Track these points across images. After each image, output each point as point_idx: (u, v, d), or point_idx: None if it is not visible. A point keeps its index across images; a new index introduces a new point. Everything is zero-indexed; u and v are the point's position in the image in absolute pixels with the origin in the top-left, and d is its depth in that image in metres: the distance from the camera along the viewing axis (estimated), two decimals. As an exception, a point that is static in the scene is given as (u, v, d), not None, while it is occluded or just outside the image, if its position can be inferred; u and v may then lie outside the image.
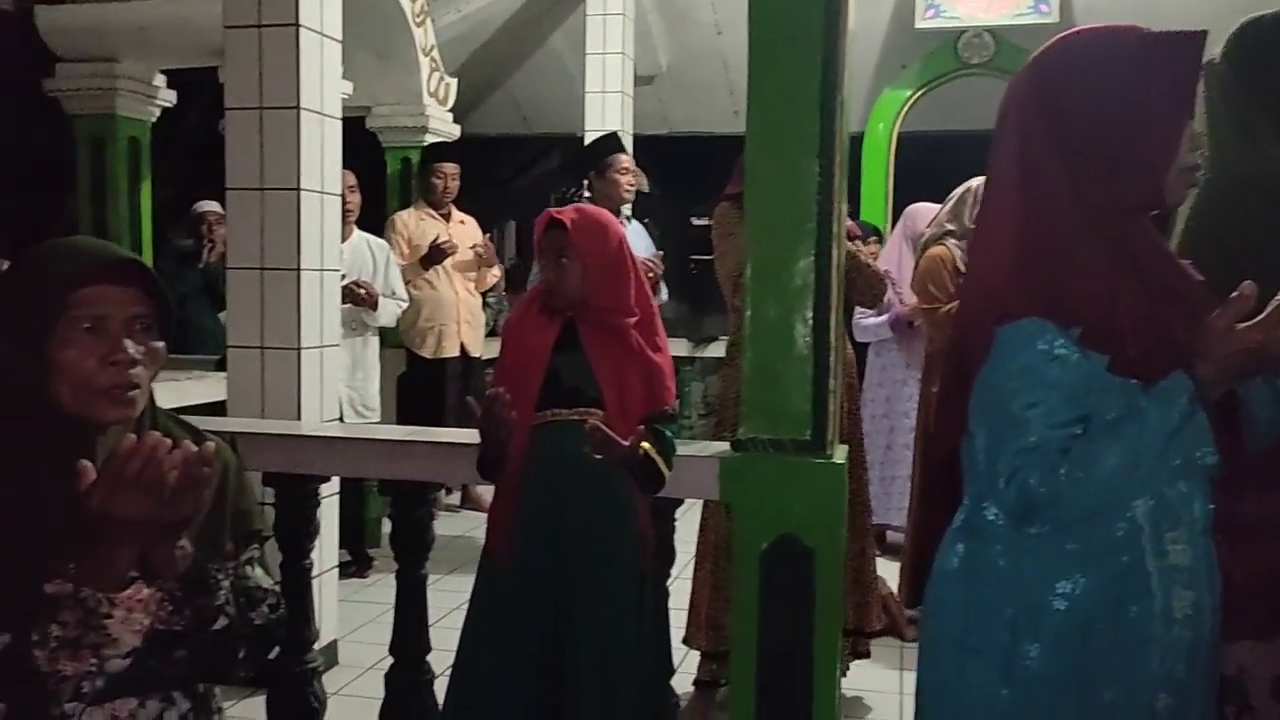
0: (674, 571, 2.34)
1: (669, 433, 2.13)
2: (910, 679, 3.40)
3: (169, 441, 1.14)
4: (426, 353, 5.03)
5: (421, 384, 5.05)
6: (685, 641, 3.07)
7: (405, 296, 4.67)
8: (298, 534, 2.46)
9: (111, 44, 4.75)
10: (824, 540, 2.02)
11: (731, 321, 3.06)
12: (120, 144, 4.93)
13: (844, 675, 3.07)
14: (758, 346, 2.04)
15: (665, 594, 2.29)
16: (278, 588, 1.43)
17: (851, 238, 2.91)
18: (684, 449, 2.20)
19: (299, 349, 3.06)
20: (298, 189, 3.00)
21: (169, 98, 5.20)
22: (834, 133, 1.99)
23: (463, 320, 5.12)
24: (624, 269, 2.15)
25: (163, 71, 5.15)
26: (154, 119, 5.17)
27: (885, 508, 4.55)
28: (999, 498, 1.39)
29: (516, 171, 10.48)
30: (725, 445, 2.17)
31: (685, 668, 3.06)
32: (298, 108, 2.97)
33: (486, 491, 5.60)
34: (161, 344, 1.31)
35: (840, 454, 2.11)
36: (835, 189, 2.02)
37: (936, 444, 1.58)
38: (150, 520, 1.14)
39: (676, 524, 2.34)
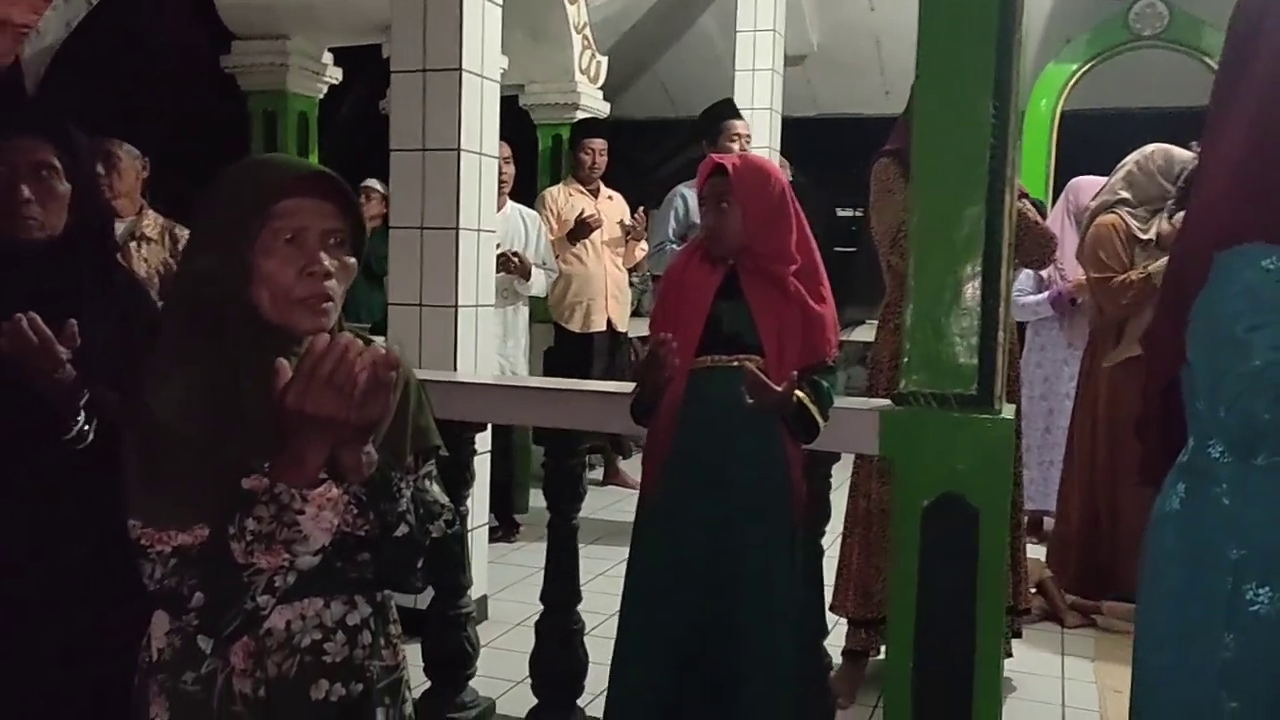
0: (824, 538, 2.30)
1: (826, 383, 2.10)
2: (1071, 664, 3.29)
3: (360, 343, 1.18)
4: (574, 327, 5.09)
5: (569, 358, 5.11)
6: (833, 609, 3.02)
7: (555, 267, 4.74)
8: (454, 480, 2.51)
9: (283, 22, 4.98)
10: (990, 499, 1.94)
11: (887, 282, 2.99)
12: (290, 119, 5.16)
13: (1008, 656, 2.97)
14: (921, 297, 1.97)
15: (819, 551, 2.25)
16: (453, 505, 1.46)
17: (1019, 196, 2.79)
18: (843, 401, 2.15)
19: (456, 306, 3.13)
20: (458, 149, 3.07)
21: (335, 75, 5.42)
22: (1010, 71, 1.91)
23: (610, 295, 5.17)
24: (785, 216, 2.12)
25: (330, 50, 5.37)
26: (321, 95, 5.39)
27: (1044, 493, 4.38)
28: (1220, 427, 1.30)
29: (660, 160, 10.51)
30: (886, 401, 2.12)
31: (832, 639, 3.00)
32: (459, 69, 3.04)
33: (630, 468, 5.67)
34: (353, 260, 1.35)
35: (1009, 410, 2.03)
36: (1010, 132, 1.93)
37: (1150, 381, 1.50)
38: (340, 420, 1.17)
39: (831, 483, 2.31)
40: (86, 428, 1.69)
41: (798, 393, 2.00)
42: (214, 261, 1.30)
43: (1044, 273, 4.35)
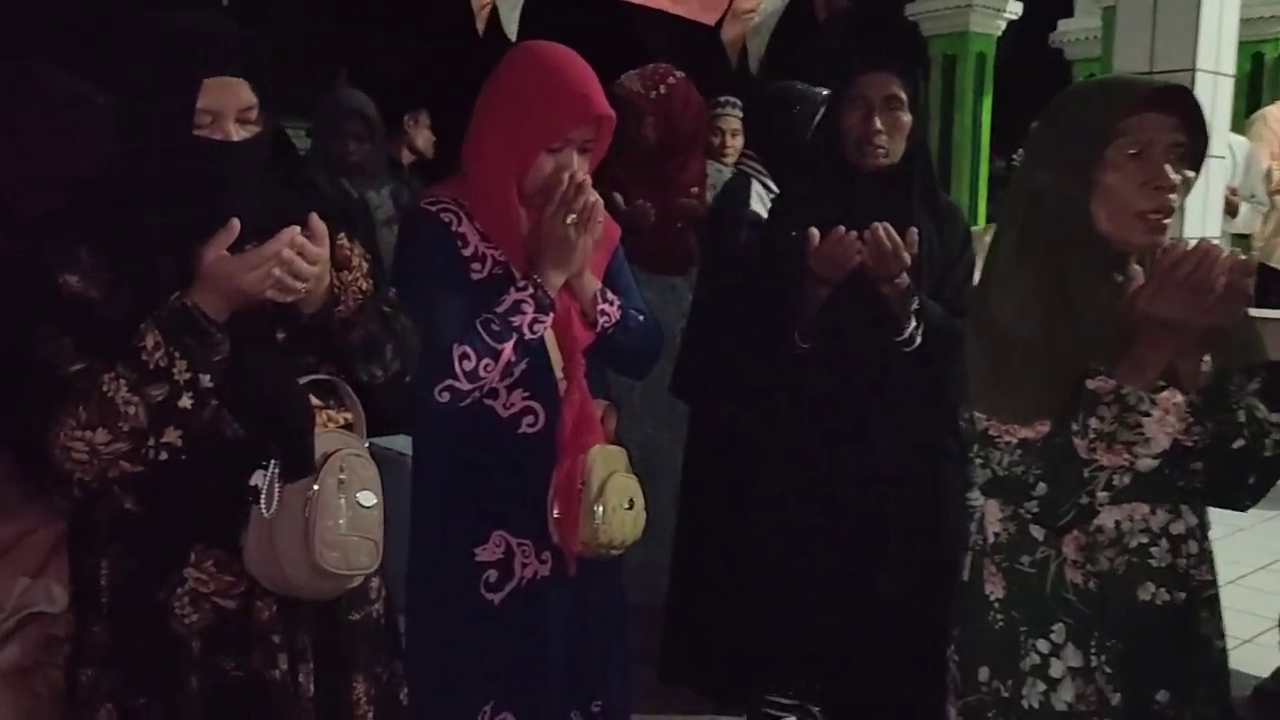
0: None
1: None
2: None
3: (1218, 247, 1.19)
4: (1275, 263, 4.54)
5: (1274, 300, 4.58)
6: None
7: (1265, 200, 4.26)
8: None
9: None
10: None
11: None
12: (969, 60, 5.21)
13: None
14: None
15: None
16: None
17: None
18: None
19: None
20: (1192, 70, 2.87)
21: (1015, 10, 5.33)
22: None
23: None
24: None
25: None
26: (1000, 33, 5.36)
27: None
28: None
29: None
30: None
31: None
32: (1198, -15, 2.84)
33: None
34: (1193, 174, 1.35)
35: None
36: None
37: None
38: (1186, 325, 1.21)
39: None
40: (915, 332, 1.89)
41: None
42: (1053, 178, 1.37)
43: None
